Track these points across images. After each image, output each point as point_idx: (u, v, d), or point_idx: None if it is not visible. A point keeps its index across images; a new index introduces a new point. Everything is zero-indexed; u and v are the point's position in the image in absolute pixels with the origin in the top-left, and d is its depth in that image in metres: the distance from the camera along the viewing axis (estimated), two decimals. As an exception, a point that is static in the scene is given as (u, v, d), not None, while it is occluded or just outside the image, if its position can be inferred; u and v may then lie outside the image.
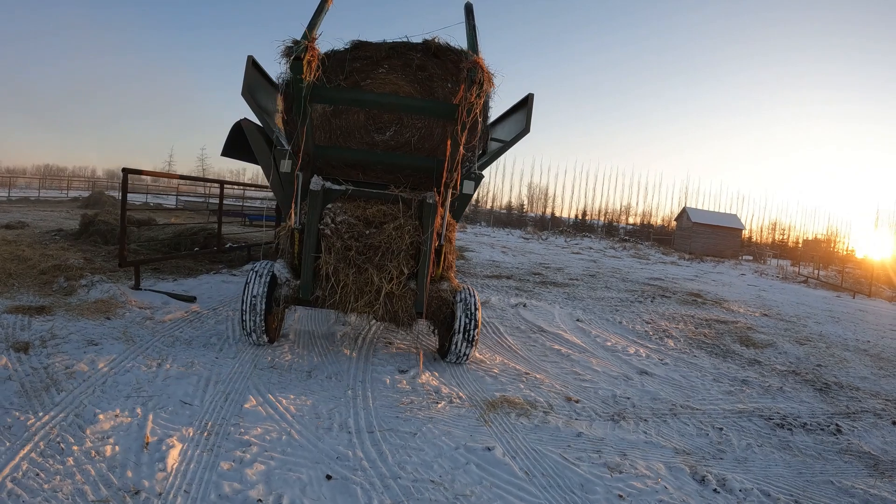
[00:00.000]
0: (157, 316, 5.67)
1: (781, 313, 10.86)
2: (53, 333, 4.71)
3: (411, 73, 5.21)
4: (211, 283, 7.56)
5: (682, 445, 3.78)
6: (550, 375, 5.01)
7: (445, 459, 3.20)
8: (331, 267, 4.65)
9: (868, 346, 8.25)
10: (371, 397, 4.07)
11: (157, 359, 4.48)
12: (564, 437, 3.68)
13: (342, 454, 3.15)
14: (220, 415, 3.56)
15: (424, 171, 5.26)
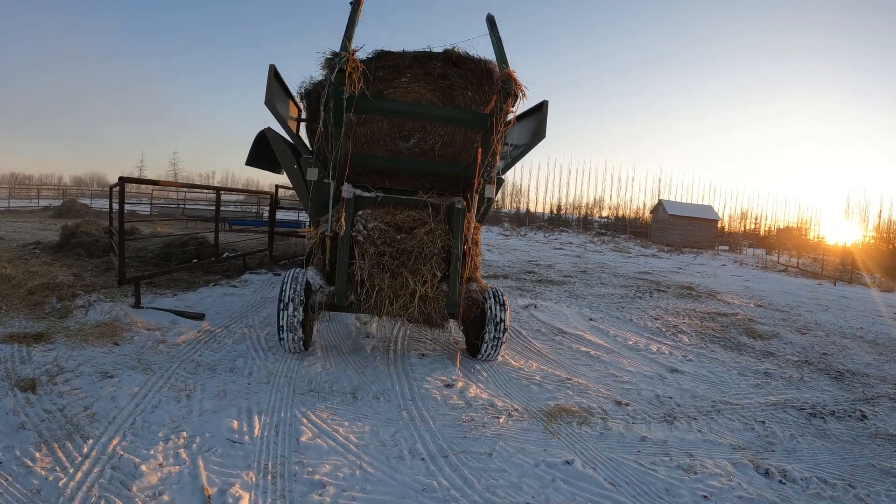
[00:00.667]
0: (169, 338, 5.15)
1: (773, 303, 11.03)
2: (60, 366, 4.17)
3: (433, 81, 5.29)
4: (213, 297, 7.02)
5: (735, 441, 3.86)
6: (590, 379, 4.93)
7: (531, 478, 3.07)
8: (365, 272, 4.75)
9: (862, 333, 8.46)
10: (429, 417, 3.83)
11: (184, 389, 4.03)
12: (631, 443, 3.66)
13: (426, 485, 2.93)
14: (277, 452, 3.19)
15: (448, 176, 5.34)
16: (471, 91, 5.27)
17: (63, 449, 3.03)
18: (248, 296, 7.30)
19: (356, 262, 4.83)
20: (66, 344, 4.65)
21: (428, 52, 5.18)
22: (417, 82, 5.28)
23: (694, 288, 12.46)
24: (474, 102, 5.27)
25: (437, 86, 5.31)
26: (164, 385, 4.08)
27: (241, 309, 6.60)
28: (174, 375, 4.29)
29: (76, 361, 4.29)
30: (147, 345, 4.92)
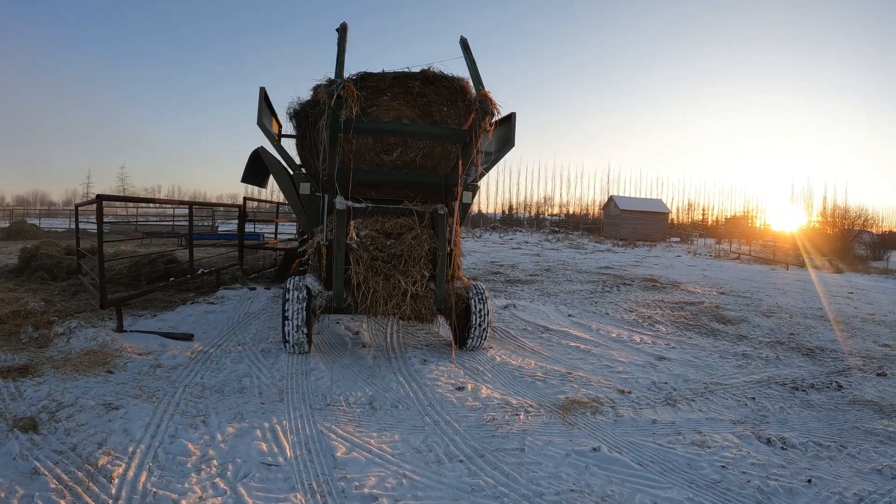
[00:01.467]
0: (164, 362, 4.91)
1: (734, 290, 11.57)
2: (57, 401, 3.89)
3: (412, 99, 5.66)
4: (194, 316, 6.71)
5: (734, 417, 4.14)
6: (589, 372, 5.09)
7: (567, 467, 3.19)
8: (361, 276, 5.13)
9: (822, 313, 9.08)
10: (453, 420, 3.88)
11: (198, 415, 3.87)
12: (644, 427, 3.85)
13: (473, 485, 2.99)
14: (317, 470, 3.11)
15: (430, 186, 5.74)
16: (446, 107, 5.67)
17: (88, 492, 2.83)
18: (230, 312, 7.03)
19: (351, 267, 5.16)
20: (56, 376, 4.34)
21: (407, 73, 5.51)
22: (398, 100, 5.62)
23: (657, 280, 12.97)
24: (449, 117, 5.67)
25: (416, 103, 5.66)
26: (174, 412, 3.90)
27: (226, 326, 6.36)
28: (182, 401, 4.11)
29: (73, 394, 4.01)
30: (143, 371, 4.66)
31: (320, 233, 5.54)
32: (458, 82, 5.53)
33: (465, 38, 5.78)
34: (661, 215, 34.85)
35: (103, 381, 4.34)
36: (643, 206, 34.75)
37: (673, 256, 22.34)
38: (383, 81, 5.51)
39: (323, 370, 4.91)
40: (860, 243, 23.13)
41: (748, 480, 3.13)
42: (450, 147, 5.69)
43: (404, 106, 5.67)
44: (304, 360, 5.13)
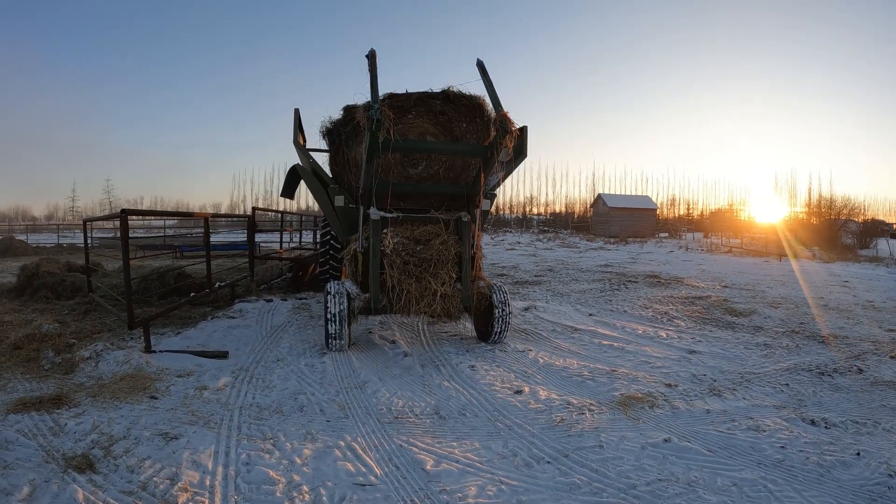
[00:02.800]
0: (208, 383, 4.48)
1: (735, 283, 11.61)
2: (106, 433, 3.44)
3: (434, 117, 6.15)
4: (219, 331, 6.25)
5: (775, 402, 4.28)
6: (631, 368, 5.13)
7: (648, 459, 3.24)
8: (395, 279, 5.51)
9: (826, 302, 9.19)
10: (524, 424, 3.83)
11: (265, 438, 3.52)
12: (700, 416, 3.95)
13: (570, 484, 2.98)
14: (413, 486, 2.95)
15: (453, 196, 6.16)
16: (465, 123, 6.20)
17: (176, 537, 2.43)
18: (255, 326, 6.59)
19: (386, 271, 5.54)
20: (95, 405, 3.88)
21: (429, 93, 6.05)
22: (421, 118, 6.11)
23: (659, 276, 12.91)
24: (468, 132, 6.21)
25: (438, 120, 6.16)
26: (239, 437, 3.54)
27: (257, 342, 5.94)
28: (243, 424, 3.74)
29: (122, 425, 3.57)
30: (189, 394, 4.23)
31: (355, 241, 5.87)
32: (476, 100, 6.12)
33: (482, 60, 6.09)
34: (650, 211, 35.18)
35: (150, 409, 3.90)
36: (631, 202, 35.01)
37: (666, 252, 22.42)
38: (408, 101, 6.01)
39: (376, 382, 4.68)
40: (846, 232, 23.53)
41: (807, 458, 3.31)
42: (470, 160, 6.17)
43: (428, 123, 6.14)
44: (353, 374, 4.90)
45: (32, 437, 3.32)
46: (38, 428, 3.46)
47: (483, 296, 5.94)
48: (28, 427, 3.46)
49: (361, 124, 5.27)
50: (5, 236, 20.52)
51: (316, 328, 6.63)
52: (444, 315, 5.67)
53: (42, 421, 3.56)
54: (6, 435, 3.27)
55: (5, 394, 4.00)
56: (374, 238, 5.56)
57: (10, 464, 2.98)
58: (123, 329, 5.86)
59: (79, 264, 8.31)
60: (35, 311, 6.35)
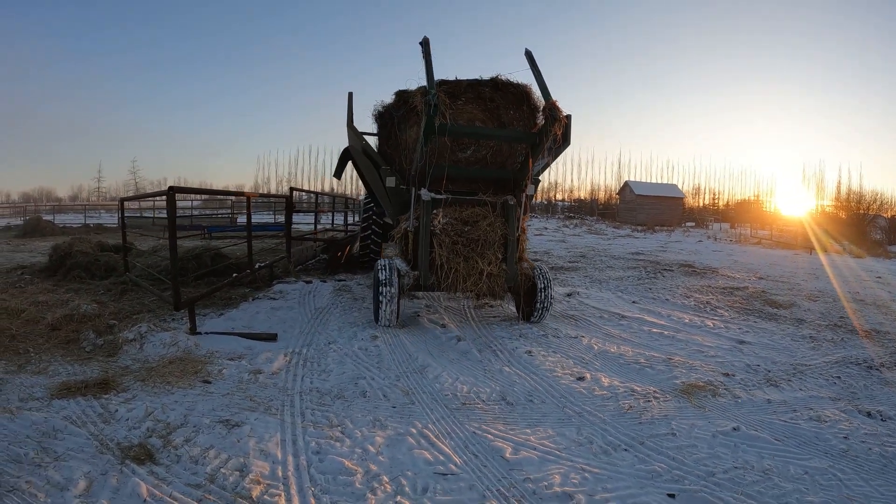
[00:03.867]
0: (262, 367, 4.14)
1: (770, 275, 11.29)
2: (161, 420, 3.10)
3: (483, 104, 6.29)
4: (262, 312, 5.92)
5: (830, 394, 4.22)
6: (686, 357, 5.03)
7: (721, 447, 3.19)
8: (444, 258, 5.64)
9: (861, 297, 8.91)
10: (594, 411, 3.71)
11: (331, 425, 3.26)
12: (762, 406, 3.90)
13: (650, 471, 2.89)
14: (496, 474, 2.79)
15: (499, 180, 6.34)
16: (512, 110, 6.35)
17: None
18: (298, 308, 6.26)
19: (435, 250, 5.66)
20: (145, 390, 3.53)
21: (479, 80, 6.24)
22: (471, 104, 6.24)
23: (693, 265, 12.59)
24: (515, 119, 6.37)
25: (487, 107, 6.30)
26: (306, 424, 3.24)
27: (304, 323, 5.61)
28: (306, 411, 3.45)
29: (177, 412, 3.22)
30: (244, 378, 3.88)
31: (405, 220, 5.99)
32: (523, 89, 6.31)
33: (530, 49, 6.16)
34: (677, 200, 34.31)
35: (204, 394, 3.54)
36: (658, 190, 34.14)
37: (694, 241, 21.88)
38: (458, 88, 6.18)
39: (435, 367, 4.46)
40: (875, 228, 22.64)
41: (869, 448, 3.28)
42: (516, 146, 6.33)
43: (476, 109, 6.27)
44: (409, 358, 4.66)
45: (82, 425, 2.98)
46: (87, 415, 3.12)
47: (527, 277, 6.04)
48: (76, 414, 3.12)
49: (419, 109, 5.47)
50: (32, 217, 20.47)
51: (362, 310, 6.34)
52: (489, 294, 5.79)
53: (90, 407, 3.22)
54: (53, 423, 2.94)
55: (47, 377, 3.67)
56: (425, 218, 5.68)
57: (62, 455, 2.64)
58: (164, 310, 5.54)
59: (111, 244, 8.02)
60: (69, 290, 6.04)
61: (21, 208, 29.48)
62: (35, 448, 2.67)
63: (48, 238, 14.86)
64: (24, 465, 2.51)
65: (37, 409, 3.14)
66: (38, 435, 2.81)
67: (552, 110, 5.52)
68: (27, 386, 3.48)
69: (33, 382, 3.55)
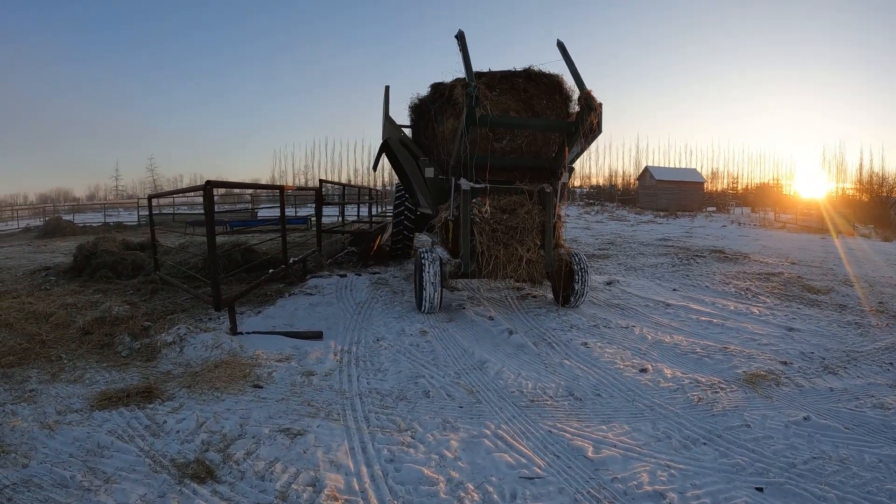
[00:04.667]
0: (313, 368, 3.82)
1: (801, 260, 10.99)
2: (215, 431, 2.77)
3: (517, 94, 6.35)
4: (301, 309, 5.60)
5: (887, 381, 4.08)
6: (739, 345, 4.89)
7: (796, 438, 3.12)
8: (485, 245, 5.68)
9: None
10: (665, 404, 3.56)
11: (399, 430, 3.00)
12: (825, 394, 3.81)
13: (734, 464, 2.81)
14: (582, 475, 2.64)
15: (535, 168, 6.37)
16: (545, 100, 6.41)
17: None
18: (337, 304, 5.94)
19: (476, 238, 5.70)
20: (192, 397, 3.21)
21: (512, 71, 6.33)
22: (505, 95, 6.28)
23: (723, 251, 12.22)
24: (548, 108, 6.42)
25: (520, 97, 6.34)
26: (373, 430, 2.96)
27: (347, 320, 5.32)
28: (370, 415, 3.17)
29: (231, 422, 2.89)
30: (296, 381, 3.56)
31: (445, 210, 6.01)
32: (555, 79, 6.36)
33: (561, 40, 6.21)
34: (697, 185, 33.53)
35: (257, 400, 3.21)
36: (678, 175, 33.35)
37: (718, 227, 21.37)
38: (493, 79, 6.24)
39: (494, 362, 4.19)
40: None
41: None
42: (550, 135, 6.36)
43: (510, 100, 6.29)
44: (465, 353, 4.41)
45: (129, 440, 2.66)
46: (133, 428, 2.80)
47: (564, 262, 6.15)
48: (121, 427, 2.80)
49: (458, 100, 5.57)
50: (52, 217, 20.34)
51: (404, 304, 6.06)
52: (528, 279, 5.88)
53: (135, 418, 2.90)
54: (98, 438, 2.62)
55: (83, 386, 3.36)
56: (465, 207, 5.72)
57: (112, 476, 2.32)
58: (198, 309, 5.24)
59: (135, 242, 7.74)
60: (97, 291, 5.74)
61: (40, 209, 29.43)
62: (81, 469, 2.36)
63: (69, 238, 14.72)
64: (71, 490, 2.20)
65: (77, 422, 2.83)
66: (82, 453, 2.50)
67: (588, 99, 5.61)
68: (63, 396, 3.17)
69: (70, 392, 3.24)
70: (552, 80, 6.36)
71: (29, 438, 2.59)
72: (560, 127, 6.05)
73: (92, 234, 13.13)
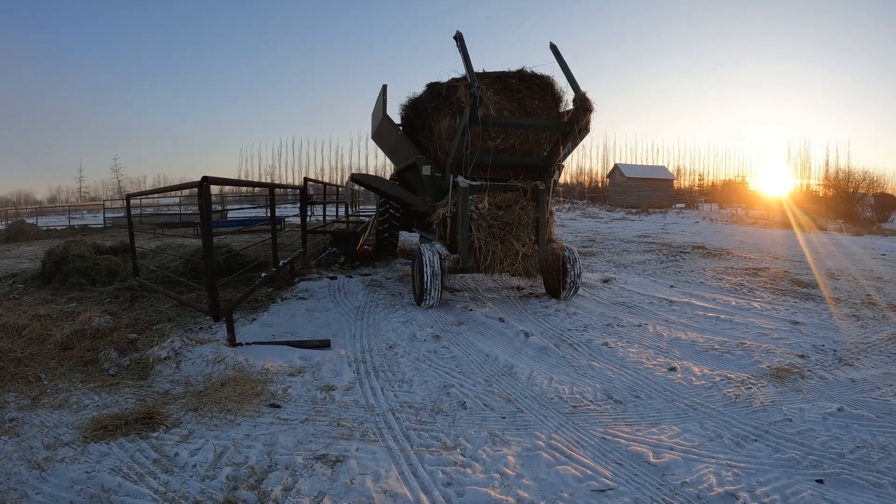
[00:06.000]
0: (331, 381, 3.46)
1: (782, 255, 11.19)
2: (240, 464, 2.39)
3: (510, 94, 6.44)
4: (298, 315, 5.19)
5: None
6: (754, 340, 4.88)
7: (836, 429, 3.13)
8: (482, 241, 5.88)
9: (878, 275, 8.82)
10: (705, 402, 3.50)
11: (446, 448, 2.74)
12: (849, 385, 3.84)
13: (788, 459, 2.79)
14: (652, 483, 2.54)
15: (528, 166, 6.49)
16: (536, 100, 6.52)
17: None
18: (334, 308, 5.56)
19: (473, 233, 5.88)
20: (202, 421, 2.79)
21: (506, 72, 6.44)
22: (499, 95, 6.35)
23: (705, 247, 12.37)
24: (539, 109, 6.54)
25: (514, 97, 6.46)
26: (418, 450, 2.68)
27: (350, 325, 4.96)
28: (410, 433, 2.87)
29: (256, 450, 2.51)
30: (317, 398, 3.18)
31: (443, 207, 6.13)
32: (546, 80, 6.48)
33: (554, 43, 6.41)
34: (667, 182, 34.13)
35: (278, 422, 2.83)
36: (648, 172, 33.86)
37: (691, 223, 21.75)
38: (487, 80, 6.27)
39: (521, 367, 4.00)
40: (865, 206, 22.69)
41: None
42: (541, 135, 6.50)
43: (505, 100, 6.37)
44: (487, 359, 4.19)
45: (139, 480, 2.24)
46: (140, 463, 2.38)
47: (556, 256, 6.31)
48: (124, 463, 2.37)
49: (462, 100, 5.62)
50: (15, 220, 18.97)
51: (406, 307, 5.73)
52: (523, 273, 6.07)
53: (139, 451, 2.47)
54: (101, 480, 2.19)
55: (71, 412, 2.89)
56: (463, 204, 5.87)
57: (128, 527, 1.90)
58: (186, 318, 4.76)
59: (108, 246, 7.08)
60: (71, 300, 5.16)
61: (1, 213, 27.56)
62: (88, 521, 1.93)
63: (33, 242, 13.78)
64: (80, 552, 1.78)
65: (71, 458, 2.38)
66: (85, 500, 2.06)
67: (583, 101, 5.82)
68: (50, 426, 2.70)
69: (57, 420, 2.77)
70: (544, 82, 6.54)
71: (17, 483, 2.14)
72: (555, 127, 6.28)
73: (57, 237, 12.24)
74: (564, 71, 6.21)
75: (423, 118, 6.64)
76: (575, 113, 5.90)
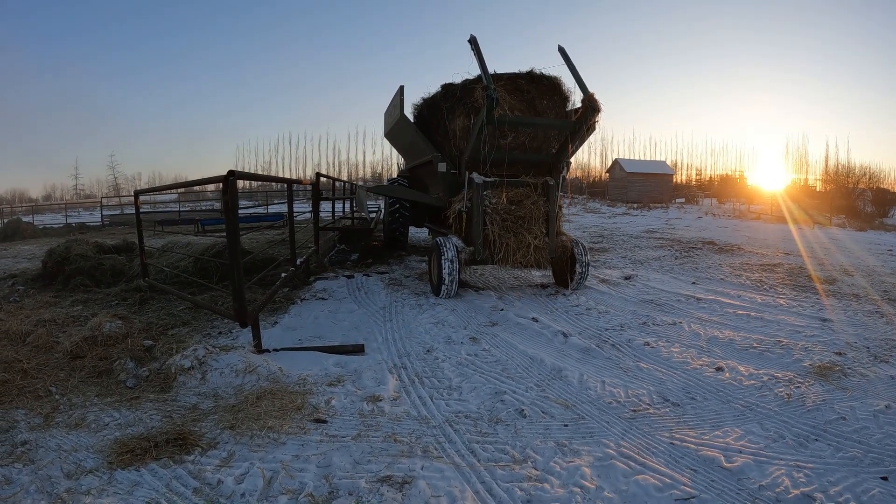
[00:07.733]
0: (377, 391, 3.14)
1: (792, 251, 11.07)
2: (299, 491, 2.09)
3: (520, 95, 6.67)
4: (321, 317, 4.87)
5: None
6: (789, 338, 4.79)
7: (888, 425, 3.09)
8: (496, 234, 6.12)
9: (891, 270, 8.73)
10: (760, 403, 3.43)
11: (516, 461, 2.54)
12: (889, 381, 3.78)
13: (851, 457, 2.74)
14: (729, 488, 2.45)
15: (538, 163, 6.79)
16: (545, 100, 6.77)
17: None
18: (358, 309, 5.28)
19: (488, 227, 6.13)
20: (241, 441, 2.47)
21: (517, 74, 6.67)
22: (511, 95, 6.55)
23: (714, 242, 12.22)
24: (548, 108, 6.78)
25: (524, 97, 6.70)
26: (487, 465, 2.44)
27: (380, 327, 4.68)
28: (474, 446, 2.63)
29: (311, 474, 2.21)
30: (364, 410, 2.87)
31: (458, 202, 6.42)
32: (554, 81, 6.74)
33: (562, 46, 6.63)
34: (667, 176, 33.86)
35: (328, 440, 2.52)
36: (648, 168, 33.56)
37: (694, 218, 21.59)
38: (498, 81, 6.42)
39: (570, 369, 3.82)
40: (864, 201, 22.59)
41: None
42: (550, 133, 6.74)
43: (514, 100, 6.56)
44: (534, 363, 3.95)
45: (179, 512, 1.90)
46: (179, 493, 2.06)
47: (566, 248, 6.55)
48: (161, 494, 2.05)
49: (480, 101, 5.93)
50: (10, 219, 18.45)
51: (433, 307, 5.54)
52: (535, 265, 6.32)
53: (176, 478, 2.15)
54: (140, 514, 1.85)
55: (90, 433, 2.54)
56: (478, 199, 6.10)
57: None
58: (202, 321, 4.44)
59: (110, 244, 6.70)
60: (76, 302, 4.81)
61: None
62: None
63: (30, 241, 13.44)
64: None
65: (98, 490, 2.05)
66: (122, 544, 1.73)
67: (592, 101, 6.12)
68: (68, 450, 2.36)
69: (75, 443, 2.43)
70: (552, 82, 6.77)
71: (39, 526, 1.81)
72: (566, 126, 6.55)
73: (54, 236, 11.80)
74: (573, 72, 6.46)
75: (438, 117, 6.88)
76: (584, 112, 6.19)
